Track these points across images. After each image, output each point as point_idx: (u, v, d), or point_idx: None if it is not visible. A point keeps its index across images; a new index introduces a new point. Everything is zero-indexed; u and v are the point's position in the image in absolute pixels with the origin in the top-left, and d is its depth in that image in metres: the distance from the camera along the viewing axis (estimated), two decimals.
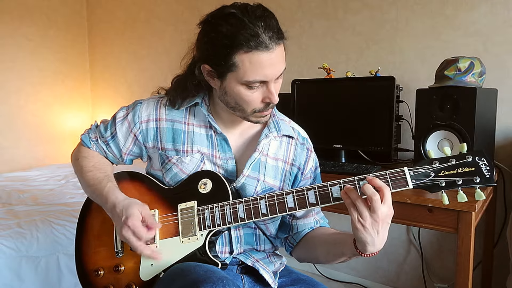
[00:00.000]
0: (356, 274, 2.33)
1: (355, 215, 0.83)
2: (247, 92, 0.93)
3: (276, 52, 0.89)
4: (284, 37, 0.92)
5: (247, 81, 0.90)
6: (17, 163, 3.32)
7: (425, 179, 0.84)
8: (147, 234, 0.93)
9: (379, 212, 0.80)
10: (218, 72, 0.93)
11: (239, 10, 0.88)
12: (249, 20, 0.86)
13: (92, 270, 1.05)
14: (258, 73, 0.89)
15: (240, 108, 0.97)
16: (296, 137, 1.12)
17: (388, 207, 0.82)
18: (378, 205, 0.80)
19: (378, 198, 0.80)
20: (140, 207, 0.95)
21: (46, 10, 3.44)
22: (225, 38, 0.87)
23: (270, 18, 0.89)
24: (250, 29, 0.86)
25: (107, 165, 1.12)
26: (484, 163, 0.82)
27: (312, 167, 1.13)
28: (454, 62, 1.53)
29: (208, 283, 0.79)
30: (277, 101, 0.95)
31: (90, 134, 1.14)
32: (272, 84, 0.92)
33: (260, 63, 0.88)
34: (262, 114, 0.98)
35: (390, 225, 0.85)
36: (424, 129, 1.57)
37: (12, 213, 2.06)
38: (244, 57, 0.87)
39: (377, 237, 0.83)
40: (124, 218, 0.92)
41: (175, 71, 1.08)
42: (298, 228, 1.09)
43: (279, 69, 0.92)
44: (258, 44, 0.86)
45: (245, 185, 1.03)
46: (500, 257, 1.84)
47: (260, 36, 0.86)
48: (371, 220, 0.81)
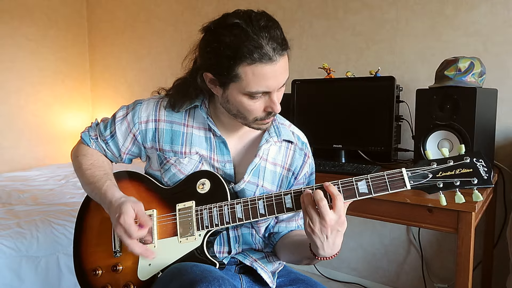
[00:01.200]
0: (356, 274, 2.33)
1: (307, 219, 0.85)
2: (249, 102, 0.92)
3: (279, 64, 0.88)
4: (288, 46, 0.91)
5: (249, 92, 0.90)
6: (17, 163, 3.32)
7: (423, 180, 0.84)
8: (138, 232, 0.91)
9: (327, 218, 0.82)
10: (220, 82, 0.92)
11: (243, 20, 0.86)
12: (253, 31, 0.85)
13: (90, 270, 1.05)
14: (261, 84, 0.88)
15: (242, 116, 0.97)
16: (296, 142, 1.12)
17: (338, 215, 0.83)
18: (325, 211, 0.82)
19: (325, 204, 0.82)
20: (134, 205, 0.94)
21: (46, 10, 3.44)
22: (228, 49, 0.86)
23: (275, 28, 0.87)
24: (254, 40, 0.84)
25: (106, 163, 1.12)
26: (482, 165, 0.82)
27: (307, 173, 1.12)
28: (454, 62, 1.53)
29: (204, 283, 0.79)
30: (279, 110, 0.94)
31: (90, 132, 1.14)
32: (274, 94, 0.92)
33: (264, 75, 0.87)
34: (264, 122, 0.98)
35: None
36: (424, 129, 1.57)
37: (12, 213, 2.06)
38: (247, 69, 0.87)
39: (326, 242, 0.85)
40: (117, 215, 0.92)
41: (175, 71, 1.08)
42: (279, 229, 1.10)
43: (282, 80, 0.91)
44: (262, 56, 0.85)
45: (244, 190, 1.03)
46: (500, 257, 1.83)
47: (264, 48, 0.85)
48: (320, 225, 0.83)
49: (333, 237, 0.84)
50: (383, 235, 2.20)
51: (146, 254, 0.94)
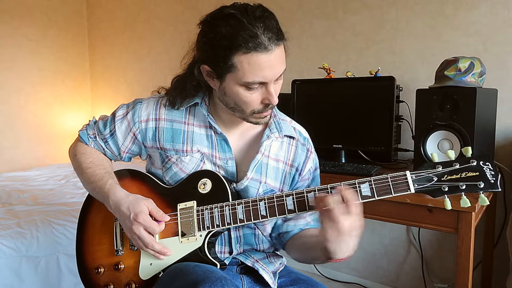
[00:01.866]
0: (356, 274, 2.33)
1: (322, 224, 0.83)
2: (246, 93, 0.92)
3: (275, 53, 0.88)
4: (284, 37, 0.91)
5: (246, 82, 0.90)
6: (17, 163, 3.32)
7: (428, 184, 0.82)
8: (159, 227, 0.95)
9: (342, 223, 0.80)
10: (217, 73, 0.93)
11: (238, 10, 0.87)
12: (248, 21, 0.85)
13: (92, 268, 1.06)
14: (257, 74, 0.88)
15: (239, 109, 0.96)
16: (297, 137, 1.11)
17: (354, 220, 0.80)
18: (340, 217, 0.79)
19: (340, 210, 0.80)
20: (146, 202, 0.96)
21: (46, 10, 3.44)
22: (223, 39, 0.87)
23: (270, 19, 0.88)
24: (249, 30, 0.85)
25: (106, 161, 1.12)
26: (489, 168, 0.80)
27: (311, 168, 1.12)
28: (454, 62, 1.53)
29: (206, 283, 0.79)
30: (276, 102, 0.94)
31: (88, 131, 1.14)
32: (271, 85, 0.92)
33: (259, 65, 0.87)
34: (262, 115, 0.97)
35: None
36: (424, 129, 1.57)
37: (12, 213, 2.06)
38: (243, 58, 0.87)
39: (340, 247, 0.83)
40: (133, 215, 0.93)
41: (175, 71, 1.08)
42: (288, 228, 1.09)
43: (278, 70, 0.91)
44: (257, 45, 0.85)
45: (248, 187, 1.02)
46: (500, 257, 1.83)
47: (259, 37, 0.85)
48: (334, 231, 0.81)
49: (347, 241, 0.82)
50: (383, 235, 2.20)
51: (163, 252, 0.95)
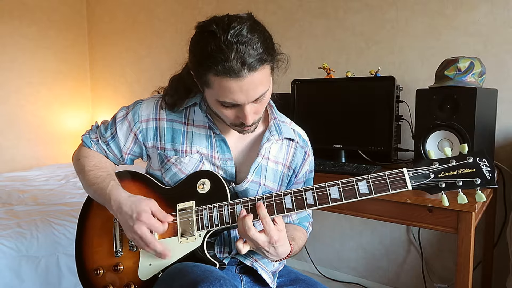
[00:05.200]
0: (356, 274, 2.33)
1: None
2: (221, 109, 0.92)
3: (248, 80, 0.83)
4: (271, 59, 0.87)
5: (219, 101, 0.90)
6: (17, 163, 3.32)
7: (425, 180, 0.83)
8: (163, 226, 0.95)
9: (258, 241, 0.88)
10: (199, 82, 0.93)
11: (221, 28, 0.82)
12: (225, 42, 0.81)
13: (91, 269, 1.05)
14: (227, 96, 0.87)
15: (221, 118, 0.98)
16: (297, 139, 1.12)
17: (269, 237, 0.88)
18: (254, 236, 0.88)
19: (253, 232, 0.88)
20: (149, 202, 0.96)
21: (46, 10, 3.44)
22: (199, 55, 0.86)
23: (252, 43, 0.82)
24: (222, 52, 0.81)
25: (108, 164, 1.12)
26: (485, 164, 0.81)
27: (307, 171, 1.13)
28: (454, 62, 1.53)
29: (205, 283, 0.79)
30: (250, 123, 0.93)
31: (91, 135, 1.14)
32: (247, 106, 0.89)
33: (229, 89, 0.85)
34: (241, 129, 0.97)
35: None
36: (424, 129, 1.57)
37: (12, 213, 2.06)
38: (214, 79, 0.85)
39: (268, 254, 0.91)
40: (136, 215, 0.93)
41: (175, 71, 1.08)
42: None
43: (253, 94, 0.87)
44: (227, 70, 0.82)
45: (247, 189, 1.03)
46: (500, 257, 1.83)
47: (230, 61, 0.81)
48: (254, 245, 0.91)
49: (272, 251, 0.90)
50: (383, 235, 2.20)
51: (165, 252, 0.95)
